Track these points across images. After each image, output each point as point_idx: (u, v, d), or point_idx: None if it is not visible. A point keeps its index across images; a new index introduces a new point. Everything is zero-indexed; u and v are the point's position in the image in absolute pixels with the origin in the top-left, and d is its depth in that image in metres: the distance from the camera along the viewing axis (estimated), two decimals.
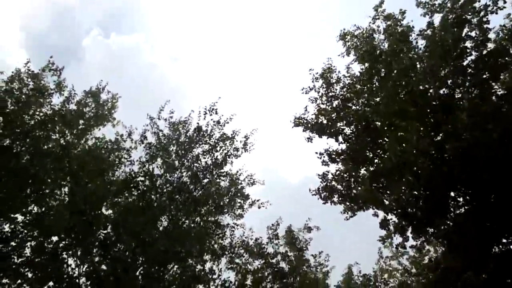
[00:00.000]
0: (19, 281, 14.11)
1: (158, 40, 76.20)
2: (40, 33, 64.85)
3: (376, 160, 15.53)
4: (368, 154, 15.85)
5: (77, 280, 14.23)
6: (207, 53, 76.57)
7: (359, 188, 15.01)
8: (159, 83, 62.28)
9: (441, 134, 11.70)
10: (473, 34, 12.36)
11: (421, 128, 11.82)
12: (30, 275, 14.26)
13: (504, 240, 12.09)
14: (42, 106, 17.21)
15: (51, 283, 14.35)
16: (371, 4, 15.79)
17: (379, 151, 15.37)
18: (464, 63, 12.43)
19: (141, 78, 60.69)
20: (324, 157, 16.63)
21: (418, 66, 13.24)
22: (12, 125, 15.75)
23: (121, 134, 16.65)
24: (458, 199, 11.76)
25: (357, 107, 15.12)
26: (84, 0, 66.91)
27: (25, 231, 14.93)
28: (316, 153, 16.60)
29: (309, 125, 16.04)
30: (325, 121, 15.87)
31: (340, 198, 15.69)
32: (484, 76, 12.16)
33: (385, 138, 13.55)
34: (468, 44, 13.04)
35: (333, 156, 16.51)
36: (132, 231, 13.80)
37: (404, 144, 10.86)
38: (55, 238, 14.75)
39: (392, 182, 12.66)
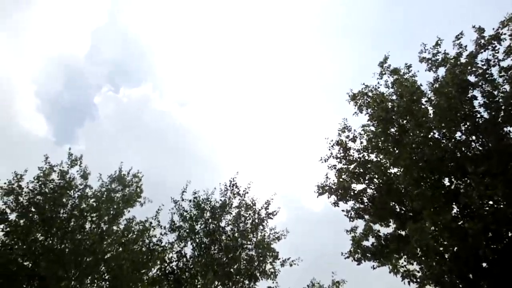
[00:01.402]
0: None
1: (166, 87, 79.13)
2: (53, 96, 69.00)
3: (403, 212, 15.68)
4: (393, 207, 15.97)
5: None
6: (215, 95, 78.72)
7: (391, 246, 14.99)
8: (171, 129, 64.43)
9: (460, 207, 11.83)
10: (479, 94, 12.68)
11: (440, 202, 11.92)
12: None
13: None
14: (74, 198, 18.18)
15: None
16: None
17: (405, 205, 15.46)
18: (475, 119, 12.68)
19: (153, 126, 62.83)
20: (351, 214, 16.81)
21: (431, 126, 13.51)
22: (48, 224, 16.59)
23: (150, 221, 17.23)
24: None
25: (376, 169, 15.30)
26: (92, 59, 70.57)
27: None
28: (343, 210, 16.82)
29: (332, 190, 16.29)
30: (346, 184, 16.11)
31: (373, 257, 15.64)
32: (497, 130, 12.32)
33: (410, 200, 13.64)
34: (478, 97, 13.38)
35: (360, 212, 16.69)
36: None
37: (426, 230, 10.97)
38: None
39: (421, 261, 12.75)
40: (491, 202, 10.90)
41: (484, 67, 13.27)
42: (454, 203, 11.88)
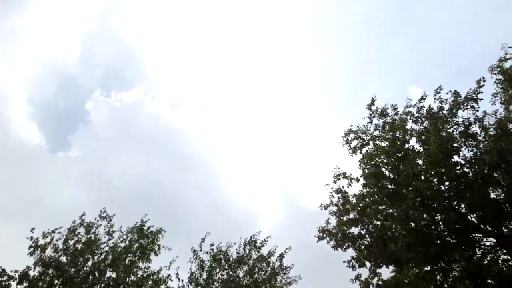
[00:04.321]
0: None
1: (157, 90, 79.45)
2: (45, 102, 69.72)
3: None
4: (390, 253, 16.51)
5: None
6: (207, 97, 79.13)
7: None
8: (165, 131, 64.76)
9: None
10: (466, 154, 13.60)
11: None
12: None
13: None
14: (94, 254, 19.36)
15: None
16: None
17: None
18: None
19: (146, 130, 63.22)
20: (352, 263, 17.42)
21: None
22: (67, 284, 17.61)
23: (168, 274, 18.26)
24: None
25: (373, 221, 16.08)
26: (83, 64, 71.95)
27: None
28: (344, 261, 17.48)
29: (333, 234, 17.11)
30: (346, 228, 16.91)
31: None
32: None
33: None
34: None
35: (361, 259, 17.28)
36: None
37: None
38: None
39: None
40: None
41: (466, 124, 14.23)
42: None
